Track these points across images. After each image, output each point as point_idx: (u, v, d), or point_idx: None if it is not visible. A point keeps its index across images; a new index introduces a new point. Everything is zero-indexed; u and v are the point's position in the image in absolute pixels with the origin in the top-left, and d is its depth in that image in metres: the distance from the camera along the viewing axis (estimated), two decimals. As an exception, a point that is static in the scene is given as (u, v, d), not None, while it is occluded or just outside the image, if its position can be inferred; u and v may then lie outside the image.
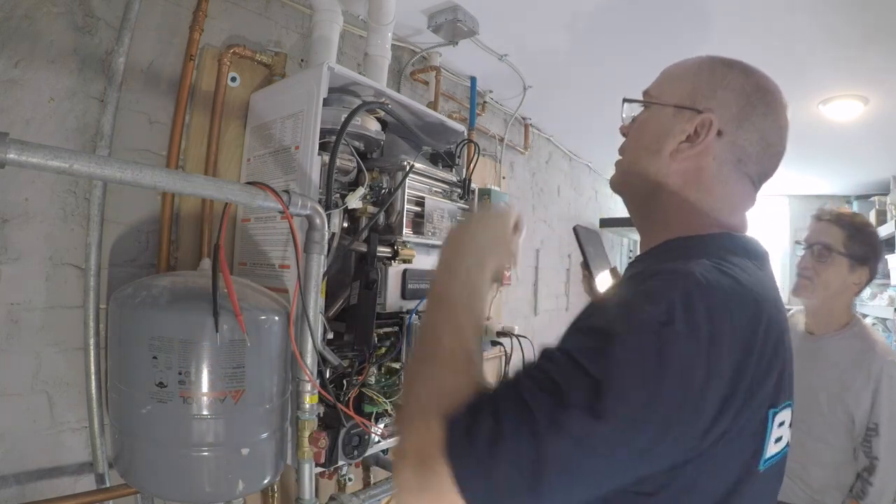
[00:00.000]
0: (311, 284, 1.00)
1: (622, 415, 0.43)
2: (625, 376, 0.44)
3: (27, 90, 1.02)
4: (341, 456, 1.10)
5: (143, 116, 1.20)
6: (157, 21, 1.20)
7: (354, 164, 1.18)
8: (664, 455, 0.46)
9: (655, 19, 1.63)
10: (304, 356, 1.00)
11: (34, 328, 1.05)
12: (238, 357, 0.91)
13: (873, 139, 2.69)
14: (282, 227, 1.17)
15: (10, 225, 1.01)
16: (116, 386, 0.94)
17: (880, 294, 3.35)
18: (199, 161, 1.27)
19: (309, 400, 1.02)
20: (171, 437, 0.89)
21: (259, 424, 0.96)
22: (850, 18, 1.54)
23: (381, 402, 1.17)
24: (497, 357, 2.35)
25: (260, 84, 1.38)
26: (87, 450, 1.11)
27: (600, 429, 0.43)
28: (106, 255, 1.14)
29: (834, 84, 2.06)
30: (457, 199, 1.42)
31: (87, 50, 1.10)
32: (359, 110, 1.14)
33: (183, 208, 1.24)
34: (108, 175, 0.72)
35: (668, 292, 0.47)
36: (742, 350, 0.48)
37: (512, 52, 1.94)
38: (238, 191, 0.88)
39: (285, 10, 1.48)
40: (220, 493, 0.92)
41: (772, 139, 0.63)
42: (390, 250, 1.23)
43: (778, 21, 1.59)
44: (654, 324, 0.45)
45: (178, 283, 0.96)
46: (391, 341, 1.25)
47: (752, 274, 0.55)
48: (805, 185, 4.02)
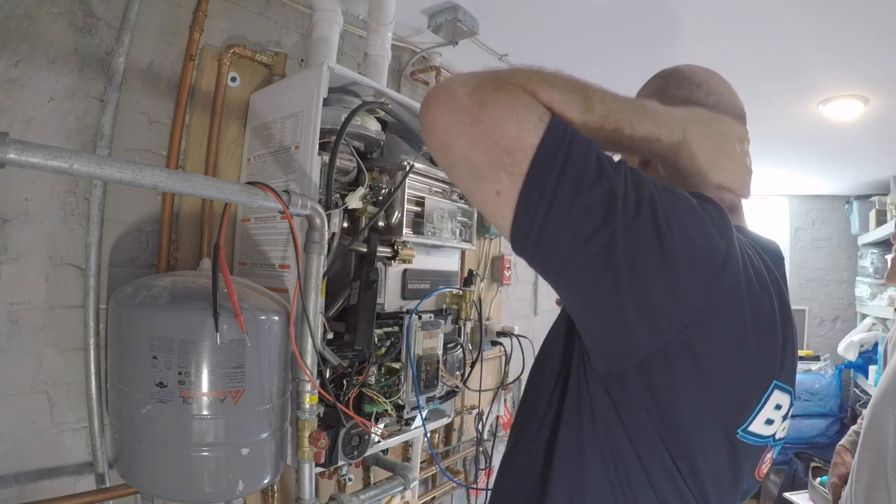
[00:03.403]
0: (311, 284, 1.00)
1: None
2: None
3: (27, 90, 1.02)
4: (341, 456, 1.10)
5: (143, 116, 1.19)
6: (157, 21, 1.20)
7: (354, 164, 1.18)
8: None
9: (655, 20, 1.63)
10: (304, 356, 1.00)
11: (34, 328, 1.05)
12: (238, 357, 0.91)
13: (873, 139, 2.69)
14: (282, 227, 1.17)
15: (10, 225, 1.01)
16: (116, 386, 0.94)
17: (880, 294, 3.35)
18: (199, 161, 1.27)
19: (309, 400, 1.02)
20: (171, 437, 0.89)
21: (259, 424, 0.96)
22: (850, 19, 1.54)
23: (381, 402, 1.17)
24: (497, 357, 2.35)
25: (260, 84, 1.38)
26: (87, 450, 1.11)
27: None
28: (106, 255, 1.14)
29: (834, 84, 2.06)
30: (457, 199, 1.42)
31: (87, 50, 1.10)
32: (359, 110, 1.14)
33: (183, 208, 1.24)
34: (108, 175, 0.72)
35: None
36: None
37: (512, 52, 1.93)
38: (238, 191, 0.88)
39: (285, 10, 1.48)
40: (220, 493, 0.92)
41: (695, 97, 0.67)
42: (390, 250, 1.23)
43: (778, 21, 1.59)
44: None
45: (178, 283, 0.96)
46: (391, 341, 1.25)
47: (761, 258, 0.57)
48: (805, 185, 4.02)
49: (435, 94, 0.49)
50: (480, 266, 2.25)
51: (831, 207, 4.23)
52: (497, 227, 0.49)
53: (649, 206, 0.46)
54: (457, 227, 1.41)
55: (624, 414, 0.52)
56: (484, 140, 0.46)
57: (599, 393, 0.53)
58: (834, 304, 4.18)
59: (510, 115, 0.46)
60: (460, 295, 1.45)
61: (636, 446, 0.52)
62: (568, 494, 0.55)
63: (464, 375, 1.47)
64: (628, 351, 0.49)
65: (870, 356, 3.35)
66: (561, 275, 0.49)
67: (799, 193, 4.31)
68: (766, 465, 0.62)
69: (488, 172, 0.46)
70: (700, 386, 0.50)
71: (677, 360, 0.48)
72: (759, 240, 0.62)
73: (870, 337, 3.40)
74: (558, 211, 0.45)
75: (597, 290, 0.47)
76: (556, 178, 0.45)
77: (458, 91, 0.47)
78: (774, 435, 0.58)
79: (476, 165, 0.47)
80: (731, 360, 0.50)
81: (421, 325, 1.27)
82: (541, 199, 0.45)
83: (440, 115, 0.48)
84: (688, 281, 0.46)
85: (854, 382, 3.67)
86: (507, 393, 2.39)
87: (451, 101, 0.47)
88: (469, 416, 2.16)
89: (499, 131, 0.46)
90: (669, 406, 0.50)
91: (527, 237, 0.47)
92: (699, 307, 0.47)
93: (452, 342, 1.43)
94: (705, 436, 0.52)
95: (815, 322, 4.21)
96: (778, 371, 0.54)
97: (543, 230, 0.46)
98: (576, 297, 0.51)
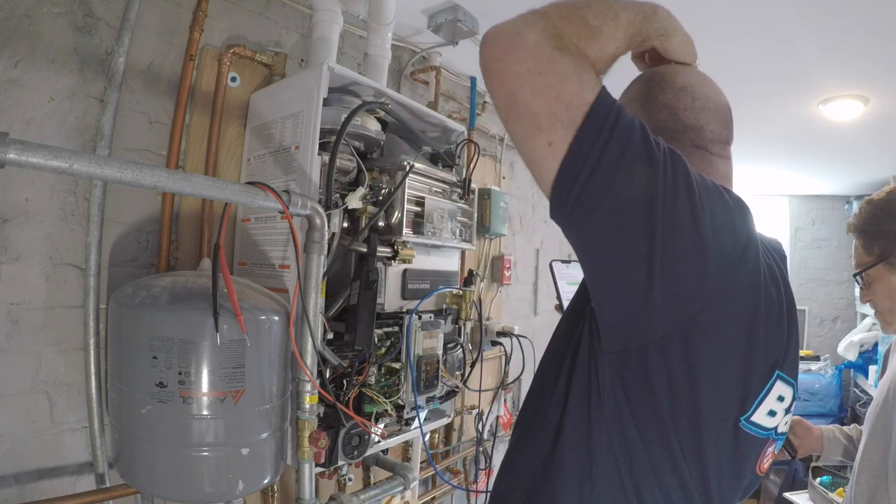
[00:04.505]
0: (311, 284, 1.00)
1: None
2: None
3: (27, 90, 1.02)
4: (341, 456, 1.10)
5: (143, 116, 1.19)
6: (157, 21, 1.20)
7: (354, 164, 1.18)
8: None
9: (655, 19, 1.63)
10: (304, 356, 1.00)
11: (34, 328, 1.05)
12: (238, 357, 0.91)
13: (873, 139, 2.69)
14: (282, 227, 1.17)
15: (10, 225, 1.01)
16: (116, 386, 0.94)
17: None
18: (199, 161, 1.27)
19: (309, 400, 1.01)
20: (171, 437, 0.89)
21: (259, 424, 0.96)
22: (850, 19, 1.54)
23: (381, 402, 1.17)
24: (497, 357, 2.35)
25: (260, 84, 1.38)
26: (87, 450, 1.11)
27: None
28: (106, 255, 1.14)
29: (834, 84, 2.06)
30: (457, 199, 1.42)
31: (87, 50, 1.10)
32: (359, 110, 1.14)
33: (183, 208, 1.24)
34: (108, 175, 0.72)
35: None
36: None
37: (512, 52, 1.93)
38: (238, 191, 0.88)
39: (285, 10, 1.48)
40: (220, 493, 0.92)
41: (681, 102, 0.66)
42: (390, 250, 1.23)
43: (778, 21, 1.59)
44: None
45: (178, 283, 0.96)
46: (391, 341, 1.25)
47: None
48: (805, 185, 4.02)
49: (503, 39, 0.51)
50: (480, 266, 2.25)
51: (831, 207, 4.24)
52: (540, 180, 0.51)
53: (685, 183, 0.48)
54: (457, 227, 1.41)
55: (633, 397, 0.52)
56: (548, 92, 0.48)
57: (609, 376, 0.53)
58: (834, 304, 4.18)
59: (574, 73, 0.49)
60: (460, 295, 1.45)
61: (643, 432, 0.52)
62: (578, 481, 0.55)
63: (464, 375, 1.47)
64: (647, 324, 0.50)
65: (870, 356, 3.35)
66: (596, 234, 0.50)
67: (799, 193, 4.32)
68: (767, 460, 0.62)
69: (546, 123, 0.48)
70: (714, 369, 0.51)
71: (695, 341, 0.49)
72: (764, 238, 0.63)
73: (870, 337, 3.40)
74: (605, 167, 0.47)
75: (630, 254, 0.48)
76: (606, 136, 0.47)
77: (527, 40, 0.50)
78: (776, 428, 0.58)
79: (536, 115, 0.49)
80: (743, 345, 0.51)
81: (421, 325, 1.27)
82: (589, 154, 0.47)
83: (509, 64, 0.50)
84: (712, 264, 0.48)
85: (854, 382, 3.67)
86: (507, 393, 2.39)
87: (521, 50, 0.49)
88: (469, 416, 2.16)
89: (563, 86, 0.48)
90: (683, 387, 0.50)
91: (570, 190, 0.48)
92: (718, 290, 0.48)
93: (452, 342, 1.43)
94: (713, 421, 0.52)
95: (815, 322, 4.22)
96: (781, 361, 0.54)
97: (588, 184, 0.47)
98: (605, 258, 0.51)
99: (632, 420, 0.53)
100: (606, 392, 0.54)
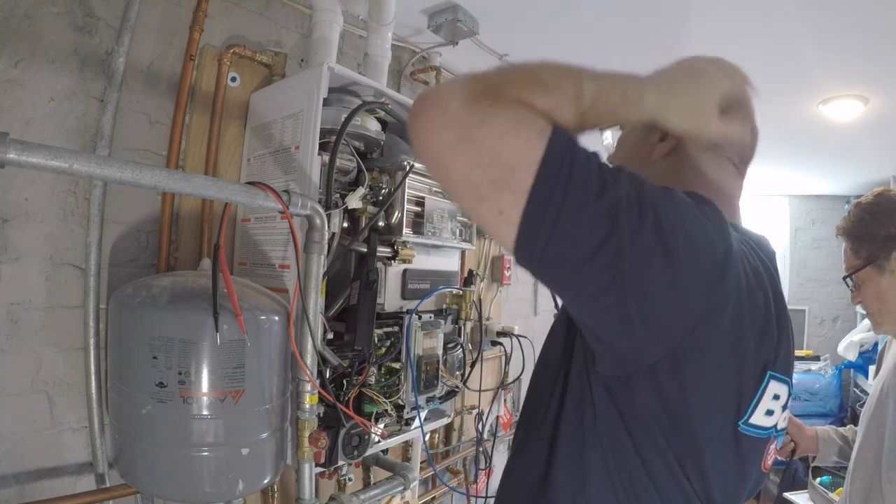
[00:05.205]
0: (311, 284, 1.00)
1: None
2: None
3: (27, 90, 1.02)
4: (341, 456, 1.10)
5: (143, 116, 1.19)
6: (157, 21, 1.20)
7: (354, 164, 1.18)
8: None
9: (656, 24, 1.63)
10: (304, 356, 1.00)
11: (34, 328, 1.05)
12: (238, 357, 0.91)
13: (873, 139, 2.69)
14: (282, 227, 1.17)
15: (10, 225, 1.01)
16: (116, 386, 0.94)
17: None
18: (199, 161, 1.27)
19: (309, 400, 1.01)
20: (171, 437, 0.89)
21: (259, 424, 0.96)
22: (850, 19, 1.54)
23: (381, 402, 1.17)
24: (497, 357, 2.35)
25: (260, 84, 1.38)
26: (87, 450, 1.11)
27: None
28: (106, 255, 1.14)
29: (834, 84, 2.06)
30: (457, 199, 1.42)
31: (87, 50, 1.10)
32: (359, 110, 1.14)
33: (183, 208, 1.24)
34: (108, 175, 0.72)
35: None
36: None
37: (512, 53, 1.93)
38: (238, 191, 0.88)
39: (285, 10, 1.48)
40: (220, 493, 0.92)
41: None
42: (390, 250, 1.23)
43: (778, 21, 1.59)
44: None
45: (178, 283, 0.96)
46: (391, 341, 1.25)
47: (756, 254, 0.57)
48: (805, 185, 4.02)
49: (424, 110, 0.46)
50: (480, 266, 2.25)
51: (831, 207, 4.23)
52: (500, 244, 0.49)
53: (652, 213, 0.45)
54: (457, 227, 1.41)
55: (629, 418, 0.52)
56: (484, 159, 0.44)
57: (602, 397, 0.53)
58: (834, 304, 4.18)
59: (511, 131, 0.44)
60: (460, 295, 1.45)
61: (640, 450, 0.52)
62: (571, 494, 0.55)
63: (464, 375, 1.47)
64: (637, 358, 0.49)
65: (870, 356, 3.35)
66: (567, 287, 0.49)
67: (799, 193, 4.31)
68: (770, 457, 0.62)
69: (489, 192, 0.44)
70: (706, 385, 0.50)
71: (684, 363, 0.48)
72: (752, 235, 0.63)
73: (870, 337, 3.40)
74: (564, 227, 0.44)
75: (603, 302, 0.46)
76: (561, 194, 0.43)
77: (450, 106, 0.44)
78: (776, 426, 0.58)
79: (476, 186, 0.45)
80: (732, 357, 0.51)
81: (421, 325, 1.27)
82: (545, 217, 0.44)
83: (433, 135, 0.45)
84: (693, 285, 0.46)
85: (854, 382, 3.67)
86: (507, 393, 2.39)
87: (444, 117, 0.44)
88: (469, 416, 2.16)
89: (500, 148, 0.44)
90: (678, 407, 0.50)
91: (530, 254, 0.46)
92: (704, 310, 0.47)
93: (452, 342, 1.43)
94: (711, 432, 0.52)
95: (815, 322, 4.22)
96: (772, 362, 0.54)
97: (549, 247, 0.45)
98: (582, 308, 0.50)
99: (629, 439, 0.52)
100: (601, 412, 0.53)
